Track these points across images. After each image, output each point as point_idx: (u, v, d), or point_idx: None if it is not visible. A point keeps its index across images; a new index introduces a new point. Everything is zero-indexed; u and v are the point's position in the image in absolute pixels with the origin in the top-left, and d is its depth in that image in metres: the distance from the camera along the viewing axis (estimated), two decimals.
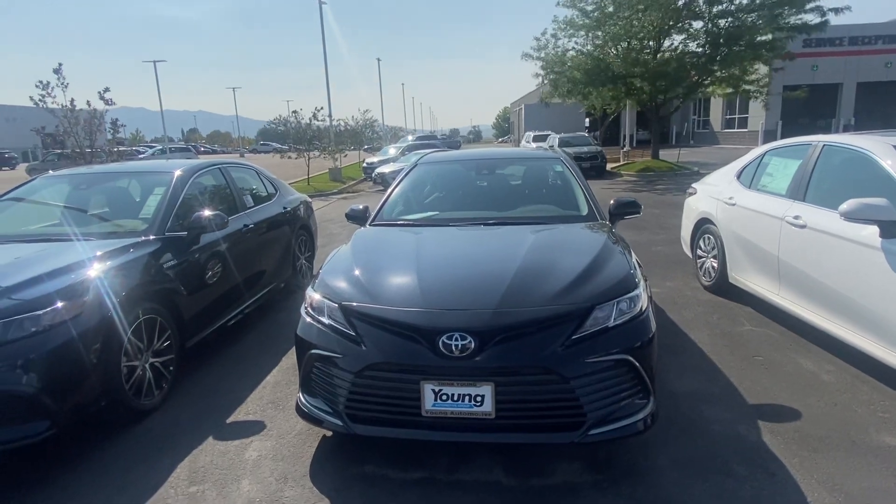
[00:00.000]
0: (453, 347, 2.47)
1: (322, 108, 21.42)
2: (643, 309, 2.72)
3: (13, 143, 48.32)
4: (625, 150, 26.05)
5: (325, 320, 2.79)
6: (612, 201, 4.02)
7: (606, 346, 2.55)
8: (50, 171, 5.00)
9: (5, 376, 2.62)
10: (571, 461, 2.78)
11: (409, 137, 35.59)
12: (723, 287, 5.33)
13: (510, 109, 68.74)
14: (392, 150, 25.93)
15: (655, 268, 6.60)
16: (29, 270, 3.03)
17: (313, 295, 2.95)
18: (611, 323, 2.61)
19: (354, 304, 2.75)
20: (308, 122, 20.84)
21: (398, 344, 2.57)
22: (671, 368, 3.79)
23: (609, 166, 22.39)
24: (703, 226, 5.73)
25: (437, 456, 2.85)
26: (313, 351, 2.75)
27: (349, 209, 4.26)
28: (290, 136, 22.06)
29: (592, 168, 20.82)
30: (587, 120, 40.64)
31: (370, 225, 3.94)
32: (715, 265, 5.46)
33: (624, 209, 3.94)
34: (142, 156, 35.76)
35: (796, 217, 4.11)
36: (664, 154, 23.10)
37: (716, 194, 5.52)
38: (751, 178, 5.13)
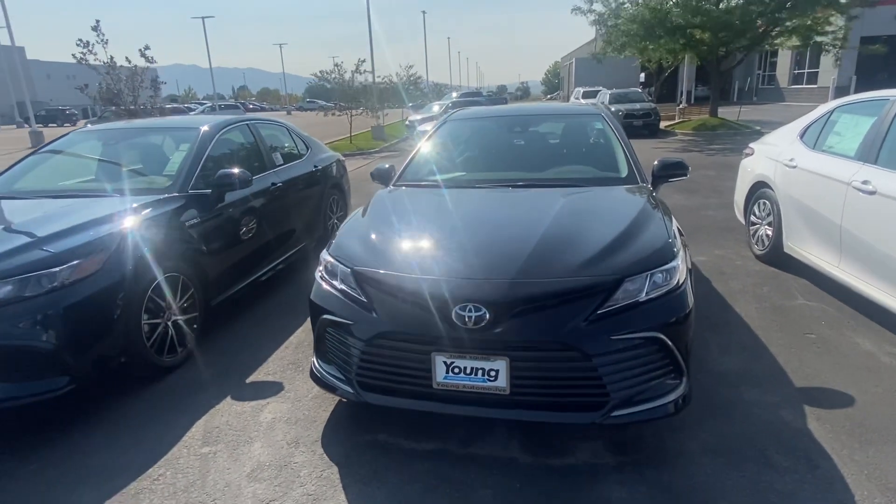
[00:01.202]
0: (466, 319, 2.31)
1: (364, 60, 21.04)
2: (680, 282, 2.47)
3: (75, 101, 50.15)
4: (681, 106, 24.69)
5: (338, 285, 2.67)
6: (655, 162, 3.69)
7: (636, 322, 2.33)
8: (87, 126, 5.02)
9: (22, 332, 2.65)
10: (595, 441, 2.62)
11: (454, 94, 34.84)
12: (777, 257, 4.93)
13: (560, 64, 66.13)
14: (436, 108, 25.40)
15: (704, 234, 6.20)
16: (48, 227, 3.03)
17: (327, 258, 2.83)
18: (642, 297, 2.38)
19: (367, 269, 2.61)
20: (350, 76, 20.57)
21: (410, 313, 2.43)
22: (711, 345, 3.53)
23: (663, 124, 21.28)
24: (759, 190, 5.28)
25: (452, 428, 2.74)
26: (325, 316, 2.65)
27: (374, 169, 4.10)
28: (335, 93, 21.86)
29: (645, 126, 19.85)
30: (642, 75, 38.67)
31: (393, 185, 3.77)
32: (769, 233, 5.04)
33: (669, 171, 3.61)
34: (192, 113, 36.56)
35: (865, 182, 3.68)
36: (724, 112, 21.74)
37: (775, 155, 5.05)
38: (815, 137, 4.64)
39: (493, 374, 2.33)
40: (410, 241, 2.76)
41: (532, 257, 2.49)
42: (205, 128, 4.33)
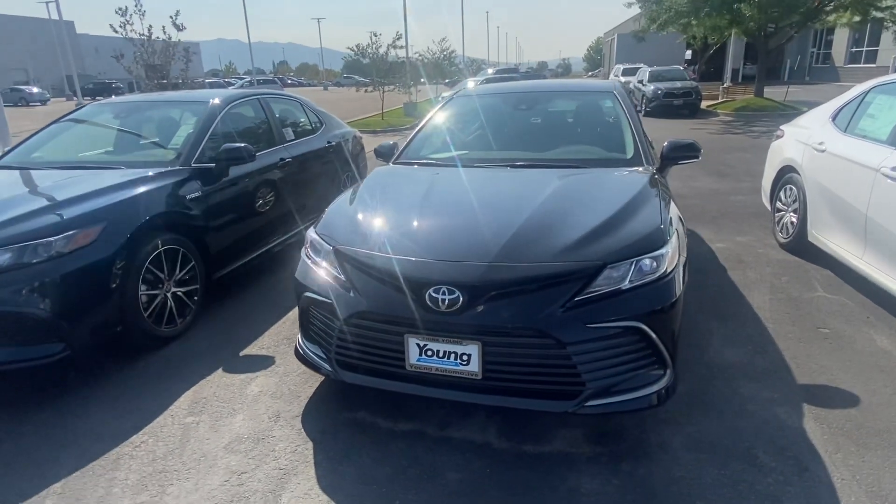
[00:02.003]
0: (440, 302, 2.26)
1: (400, 36, 20.85)
2: (668, 270, 2.35)
3: (122, 75, 51.60)
4: (725, 86, 23.64)
5: (321, 263, 2.65)
6: (665, 143, 3.52)
7: (616, 310, 2.23)
8: (99, 99, 5.12)
9: (19, 298, 2.73)
10: (574, 429, 2.55)
11: (490, 71, 34.26)
12: (800, 246, 4.68)
13: (603, 40, 64.06)
14: (471, 84, 25.04)
15: (729, 220, 5.95)
16: (49, 198, 3.10)
17: (312, 236, 2.81)
18: (625, 285, 2.28)
19: (347, 248, 2.59)
20: (385, 51, 20.42)
21: (385, 293, 2.39)
22: (715, 336, 3.39)
23: (705, 104, 20.47)
24: (786, 174, 5.01)
25: (432, 410, 2.71)
26: (307, 294, 2.64)
27: (378, 145, 4.05)
28: (369, 69, 21.76)
29: (685, 105, 19.15)
30: (688, 52, 37.14)
31: (393, 163, 3.72)
32: (794, 220, 4.79)
33: (679, 153, 3.44)
34: (230, 87, 37.10)
35: (894, 168, 3.43)
36: (772, 92, 20.72)
37: (805, 138, 4.76)
38: (848, 119, 4.35)
39: (465, 358, 2.28)
40: (392, 221, 2.71)
41: (512, 240, 2.41)
42: (213, 102, 4.35)
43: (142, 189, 3.38)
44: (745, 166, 9.13)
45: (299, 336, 2.83)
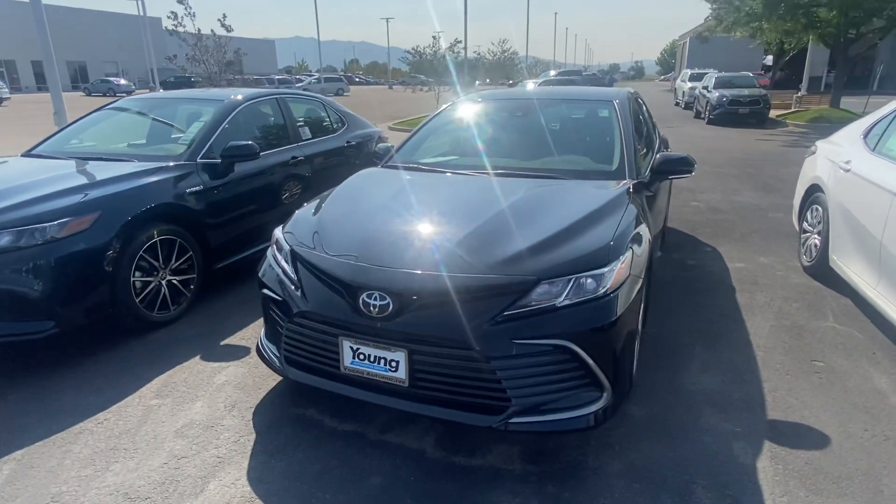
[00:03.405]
0: (372, 307, 2.28)
1: (460, 40, 20.97)
2: (608, 291, 2.27)
3: (195, 70, 54.56)
4: (798, 94, 22.24)
5: (280, 262, 2.74)
6: (658, 156, 3.38)
7: (546, 327, 2.18)
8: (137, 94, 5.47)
9: (13, 277, 2.98)
10: (512, 445, 2.51)
11: (551, 72, 33.81)
12: (822, 271, 4.37)
13: (677, 43, 61.73)
14: (530, 86, 24.89)
15: (758, 239, 5.63)
16: (52, 186, 3.35)
17: (277, 235, 2.91)
18: (560, 301, 2.22)
19: (301, 248, 2.66)
20: (442, 52, 20.58)
21: (326, 295, 2.45)
22: (696, 361, 3.23)
23: (775, 113, 19.34)
24: (813, 194, 4.69)
25: (378, 412, 2.74)
26: (265, 291, 2.73)
27: (377, 146, 4.11)
28: (422, 68, 21.99)
29: (752, 115, 18.18)
30: (769, 57, 35.20)
31: (381, 166, 3.76)
32: (818, 243, 4.47)
33: (670, 167, 3.30)
34: (298, 85, 38.48)
35: None
36: (852, 102, 19.28)
37: (834, 156, 4.44)
38: (878, 137, 4.01)
39: (394, 364, 2.30)
40: (346, 224, 2.75)
41: (457, 248, 2.41)
42: (227, 100, 4.56)
43: (142, 181, 3.60)
44: (796, 181, 8.57)
45: (261, 332, 2.93)
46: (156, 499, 2.22)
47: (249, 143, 4.17)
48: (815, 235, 4.55)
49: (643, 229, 2.74)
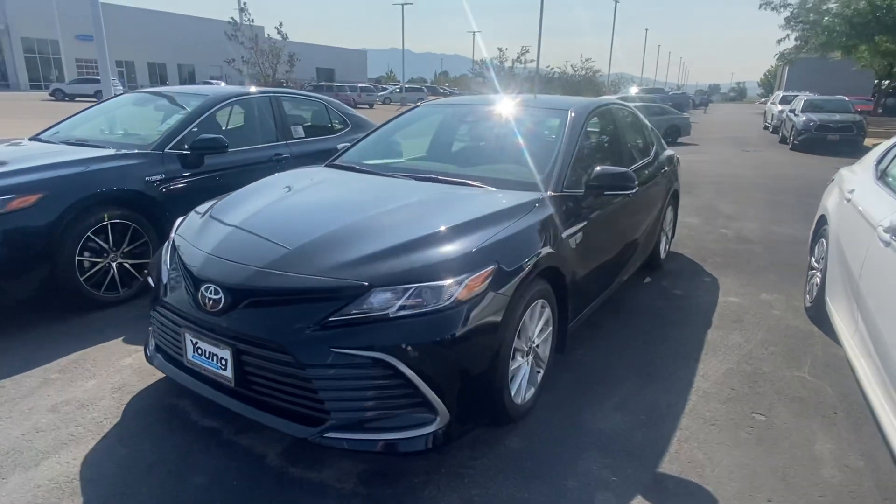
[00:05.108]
0: (208, 300, 2.23)
1: (528, 50, 20.80)
2: (444, 306, 2.07)
3: (296, 75, 57.68)
4: None
5: (162, 251, 2.76)
6: (594, 170, 3.09)
7: (369, 338, 2.03)
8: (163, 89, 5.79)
9: None
10: (358, 463, 2.35)
11: (633, 90, 32.65)
12: (819, 313, 3.82)
13: (778, 64, 57.69)
14: None
15: (774, 273, 5.05)
16: (13, 167, 3.57)
17: (176, 223, 2.93)
18: (392, 312, 2.06)
19: (178, 239, 2.66)
20: (511, 65, 20.52)
21: (178, 286, 2.42)
22: (615, 397, 2.90)
23: (872, 142, 17.50)
24: (821, 227, 4.13)
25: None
26: (148, 277, 2.76)
27: (339, 146, 4.09)
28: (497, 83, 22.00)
29: (843, 142, 16.56)
30: (885, 82, 32.08)
31: (325, 165, 3.72)
32: (819, 282, 3.93)
33: (605, 181, 3.00)
34: (381, 94, 39.70)
35: (889, 228, 2.67)
36: None
37: (844, 183, 3.89)
38: (888, 163, 3.47)
39: (223, 362, 2.22)
40: (225, 219, 2.71)
41: (305, 247, 2.30)
42: (210, 96, 4.71)
43: (95, 167, 3.77)
44: None
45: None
46: None
47: (219, 136, 4.28)
48: (818, 273, 4.00)
49: (534, 243, 2.49)
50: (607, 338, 3.61)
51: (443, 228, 2.38)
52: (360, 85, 41.06)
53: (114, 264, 3.84)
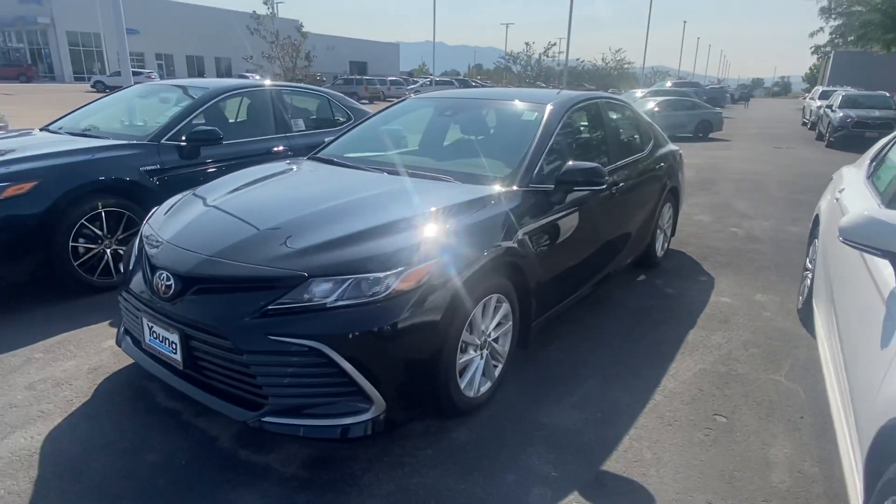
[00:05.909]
0: (160, 286, 2.31)
1: (555, 43, 20.55)
2: (381, 297, 2.10)
3: (331, 69, 58.28)
4: None
5: (134, 239, 2.86)
6: (566, 165, 3.06)
7: (304, 326, 2.08)
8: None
9: None
10: (305, 448, 2.41)
11: (668, 83, 31.89)
12: (808, 315, 3.71)
13: (823, 58, 55.35)
14: (638, 94, 23.71)
15: (774, 274, 4.91)
16: (12, 156, 3.75)
17: (151, 212, 3.03)
18: (330, 302, 2.10)
19: (147, 229, 2.76)
20: (538, 58, 20.29)
21: (140, 273, 2.52)
22: (574, 394, 2.88)
23: None
24: (815, 228, 3.99)
25: None
26: (122, 264, 2.87)
27: (326, 139, 4.15)
28: (523, 75, 21.80)
29: (882, 138, 15.83)
30: None
31: (308, 157, 3.78)
32: (809, 283, 3.81)
33: (574, 177, 2.96)
34: (411, 87, 39.82)
35: (842, 227, 2.57)
36: None
37: (839, 183, 3.76)
38: (880, 161, 3.34)
39: (173, 345, 2.31)
40: (192, 209, 2.79)
41: (255, 237, 2.37)
42: (209, 89, 4.83)
43: (89, 157, 3.92)
44: None
45: None
46: None
47: (213, 128, 4.40)
48: (811, 274, 3.87)
49: (484, 238, 2.50)
50: (583, 335, 3.58)
51: (391, 221, 2.40)
52: (389, 78, 41.29)
53: (108, 251, 4.00)
